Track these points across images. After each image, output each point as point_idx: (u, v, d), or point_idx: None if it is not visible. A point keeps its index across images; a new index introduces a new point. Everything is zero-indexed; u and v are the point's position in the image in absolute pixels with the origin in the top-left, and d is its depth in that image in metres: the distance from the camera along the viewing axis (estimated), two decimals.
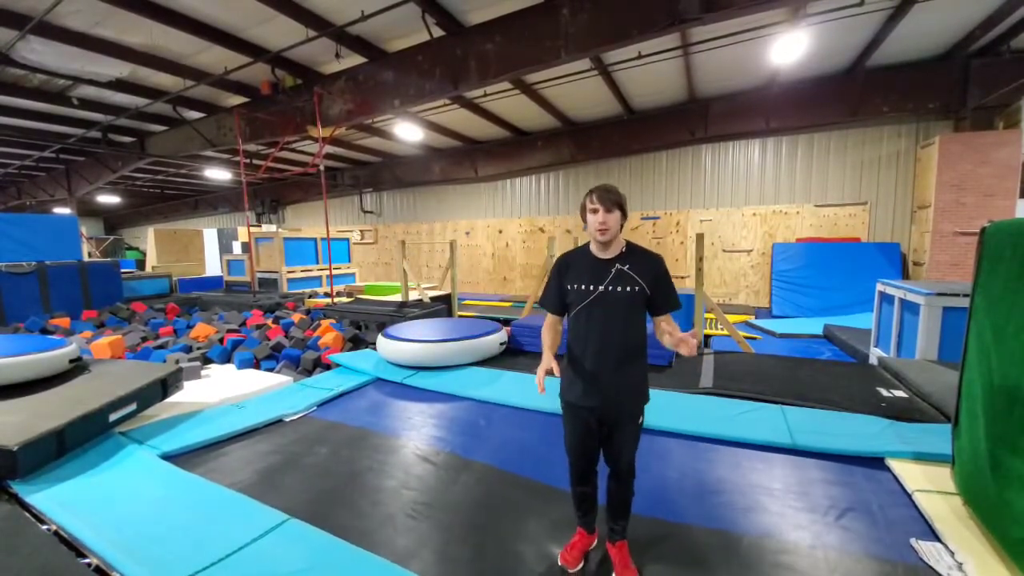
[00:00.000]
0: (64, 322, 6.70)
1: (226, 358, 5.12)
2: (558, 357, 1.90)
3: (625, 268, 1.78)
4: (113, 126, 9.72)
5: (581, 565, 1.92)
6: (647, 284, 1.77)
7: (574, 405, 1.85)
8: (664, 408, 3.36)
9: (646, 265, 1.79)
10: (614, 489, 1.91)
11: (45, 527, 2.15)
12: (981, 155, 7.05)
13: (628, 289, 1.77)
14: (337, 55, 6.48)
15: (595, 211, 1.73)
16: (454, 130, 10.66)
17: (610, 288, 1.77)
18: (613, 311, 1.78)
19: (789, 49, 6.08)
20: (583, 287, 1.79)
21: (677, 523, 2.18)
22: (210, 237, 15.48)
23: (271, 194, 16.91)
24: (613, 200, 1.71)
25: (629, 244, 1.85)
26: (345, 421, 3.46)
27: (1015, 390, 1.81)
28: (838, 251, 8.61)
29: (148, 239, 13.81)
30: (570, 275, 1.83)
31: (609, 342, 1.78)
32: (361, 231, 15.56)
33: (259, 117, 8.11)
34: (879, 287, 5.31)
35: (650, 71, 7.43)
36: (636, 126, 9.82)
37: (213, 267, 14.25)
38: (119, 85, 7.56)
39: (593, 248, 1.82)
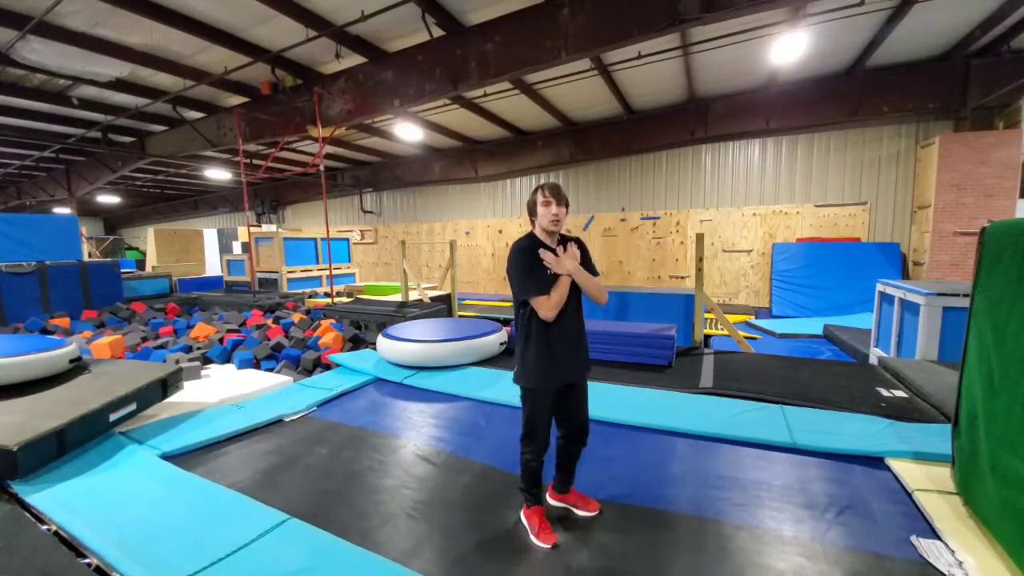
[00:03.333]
0: (64, 322, 6.69)
1: (226, 358, 5.12)
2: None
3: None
4: (113, 126, 9.72)
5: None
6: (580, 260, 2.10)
7: (551, 388, 2.03)
8: (664, 408, 3.36)
9: (575, 245, 2.10)
10: (574, 448, 2.16)
11: (45, 527, 2.14)
12: (981, 155, 7.05)
13: None
14: (337, 55, 6.48)
15: (548, 203, 1.98)
16: (454, 130, 10.66)
17: None
18: (571, 289, 2.03)
19: (789, 49, 6.08)
20: (550, 272, 1.99)
21: (677, 515, 2.18)
22: (210, 237, 15.46)
23: (271, 194, 16.91)
24: (564, 196, 2.01)
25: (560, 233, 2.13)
26: (345, 421, 3.46)
27: (1015, 390, 1.80)
28: (838, 251, 8.61)
29: (148, 239, 13.81)
30: (537, 263, 1.99)
31: (573, 317, 2.05)
32: (361, 231, 15.56)
33: (259, 117, 8.11)
34: (879, 287, 5.30)
35: (650, 71, 7.44)
36: (636, 126, 9.82)
37: (213, 267, 14.24)
38: (119, 85, 7.56)
39: (542, 237, 2.05)
